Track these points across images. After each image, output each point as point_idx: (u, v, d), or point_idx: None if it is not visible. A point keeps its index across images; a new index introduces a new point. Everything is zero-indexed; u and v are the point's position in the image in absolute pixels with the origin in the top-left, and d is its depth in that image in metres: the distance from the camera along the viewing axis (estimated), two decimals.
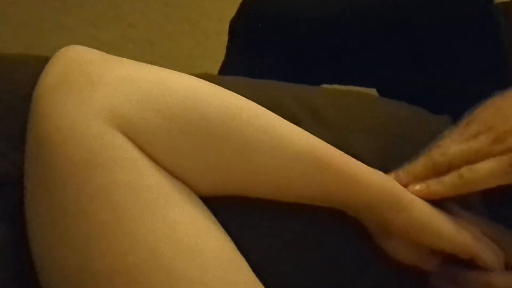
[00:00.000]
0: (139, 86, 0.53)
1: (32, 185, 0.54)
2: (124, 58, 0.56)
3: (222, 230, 0.56)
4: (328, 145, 0.58)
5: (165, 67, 0.57)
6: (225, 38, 0.93)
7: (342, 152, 0.59)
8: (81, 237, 0.51)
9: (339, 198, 0.59)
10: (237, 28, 0.92)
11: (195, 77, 0.56)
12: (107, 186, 0.51)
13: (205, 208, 0.56)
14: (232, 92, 0.56)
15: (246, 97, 0.57)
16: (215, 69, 0.91)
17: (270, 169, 0.56)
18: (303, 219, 0.61)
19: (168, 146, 0.53)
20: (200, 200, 0.56)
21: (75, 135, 0.51)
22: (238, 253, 0.56)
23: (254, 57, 0.88)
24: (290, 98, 0.66)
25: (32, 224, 0.54)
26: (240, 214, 0.58)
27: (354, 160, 0.59)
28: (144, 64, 0.56)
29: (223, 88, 0.56)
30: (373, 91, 0.88)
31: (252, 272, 0.56)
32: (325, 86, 0.82)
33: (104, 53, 0.56)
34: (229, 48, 0.94)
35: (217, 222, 0.56)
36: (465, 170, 0.60)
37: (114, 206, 0.51)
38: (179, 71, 0.57)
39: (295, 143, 0.57)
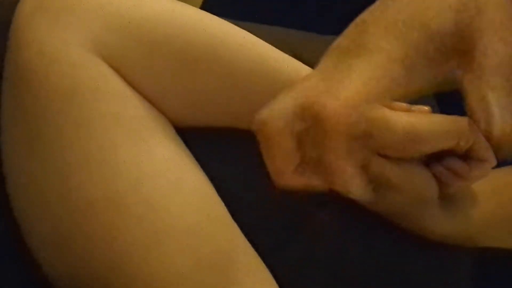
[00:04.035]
0: (119, 12, 0.52)
1: (9, 114, 0.53)
2: None
3: (200, 169, 0.55)
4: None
5: None
6: None
7: None
8: (61, 165, 0.50)
9: None
10: None
11: (178, 1, 0.54)
12: (89, 115, 0.50)
13: (184, 146, 0.55)
14: (218, 18, 0.54)
15: None
16: None
17: (257, 98, 0.54)
18: None
19: (150, 74, 0.52)
20: (179, 137, 0.55)
21: (57, 63, 0.50)
22: (215, 193, 0.56)
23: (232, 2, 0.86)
24: (270, 39, 0.65)
25: (8, 153, 0.53)
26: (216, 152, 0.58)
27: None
28: None
29: (207, 13, 0.54)
30: None
31: (228, 214, 0.56)
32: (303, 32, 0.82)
33: None
34: None
35: (195, 161, 0.55)
36: None
37: (96, 135, 0.50)
38: None
39: (286, 72, 0.55)
